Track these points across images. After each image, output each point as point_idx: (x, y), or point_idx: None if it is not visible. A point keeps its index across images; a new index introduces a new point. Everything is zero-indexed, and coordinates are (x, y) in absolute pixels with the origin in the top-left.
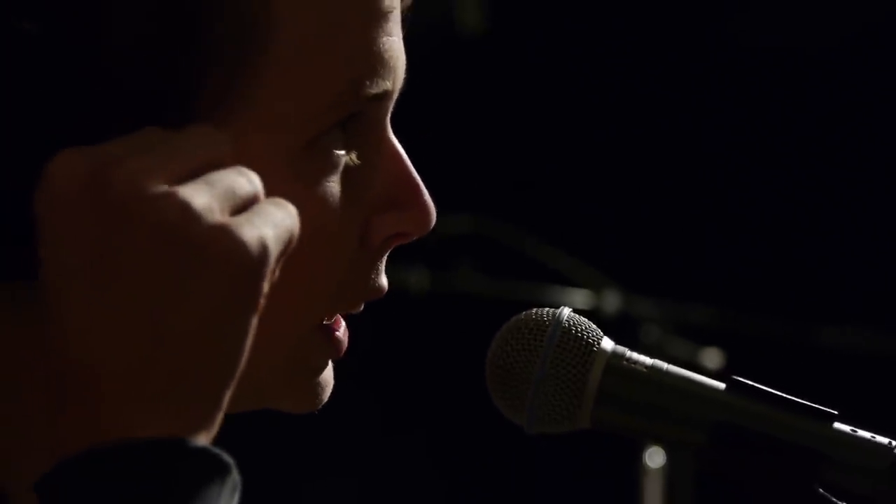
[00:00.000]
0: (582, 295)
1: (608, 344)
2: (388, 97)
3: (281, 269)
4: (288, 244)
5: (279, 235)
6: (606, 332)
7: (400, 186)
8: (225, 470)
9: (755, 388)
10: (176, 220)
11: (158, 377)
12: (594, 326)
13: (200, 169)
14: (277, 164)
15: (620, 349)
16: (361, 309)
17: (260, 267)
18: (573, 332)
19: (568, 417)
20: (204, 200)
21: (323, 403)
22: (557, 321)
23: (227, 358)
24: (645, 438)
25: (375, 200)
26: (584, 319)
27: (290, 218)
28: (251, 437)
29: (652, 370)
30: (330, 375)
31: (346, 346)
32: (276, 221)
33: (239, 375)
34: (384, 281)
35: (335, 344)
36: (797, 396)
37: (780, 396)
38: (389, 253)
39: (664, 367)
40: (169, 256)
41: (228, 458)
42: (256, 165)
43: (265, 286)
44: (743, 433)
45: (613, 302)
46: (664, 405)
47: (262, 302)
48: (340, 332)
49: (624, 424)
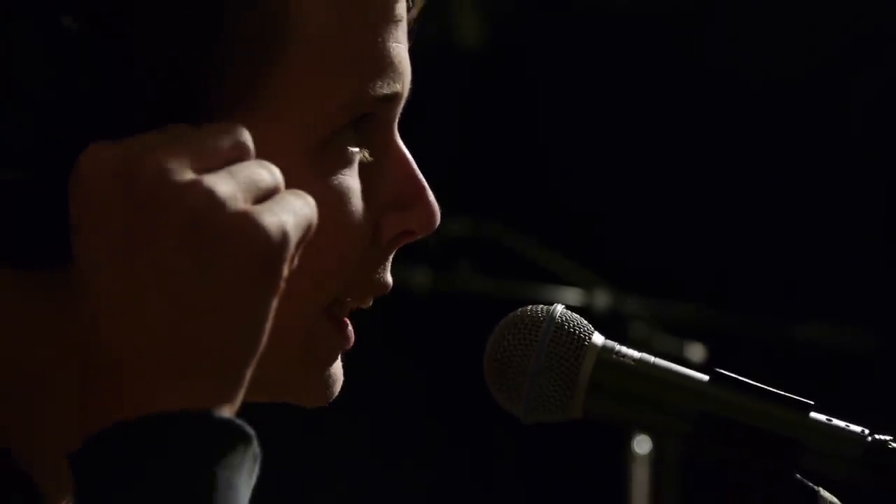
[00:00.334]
0: (574, 293)
1: (599, 339)
2: (396, 99)
3: (299, 256)
4: (307, 232)
5: (298, 223)
6: (597, 327)
7: (406, 187)
8: (247, 440)
9: (736, 379)
10: (201, 207)
11: (184, 354)
12: (585, 322)
13: (224, 162)
14: (296, 158)
15: (610, 343)
16: (370, 304)
17: (280, 252)
18: (566, 327)
19: (561, 408)
20: (228, 189)
21: (334, 397)
22: (551, 317)
23: (248, 336)
24: (633, 427)
25: (384, 200)
26: (576, 316)
27: (308, 207)
28: (260, 429)
29: (640, 363)
30: (340, 370)
31: (353, 339)
32: (295, 210)
33: (259, 354)
34: (389, 278)
35: (344, 335)
36: (774, 387)
37: (759, 387)
38: (395, 253)
39: (651, 360)
40: (194, 241)
41: (250, 429)
42: (275, 159)
43: (285, 270)
44: (725, 422)
45: (603, 300)
46: (651, 396)
47: (281, 285)
48: (349, 326)
49: (614, 414)
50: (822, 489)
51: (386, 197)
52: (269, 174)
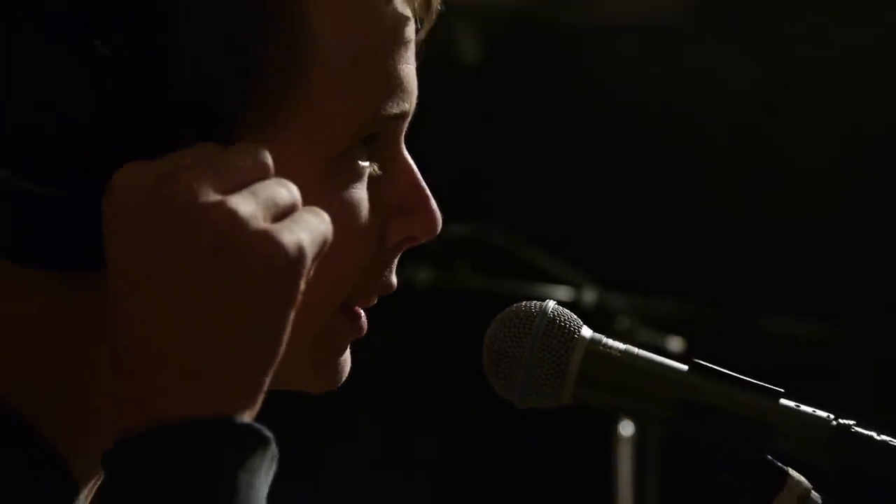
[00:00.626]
0: (564, 290)
1: (587, 332)
2: (405, 117)
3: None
4: (322, 247)
5: (314, 240)
6: (585, 321)
7: (411, 195)
8: (266, 443)
9: (712, 369)
10: (226, 226)
11: (208, 363)
12: (575, 316)
13: (247, 181)
14: (311, 174)
15: (597, 336)
16: (375, 302)
17: (298, 267)
18: (557, 321)
19: (553, 395)
20: (249, 209)
21: (342, 382)
22: (543, 312)
23: (267, 346)
24: (619, 412)
25: (391, 208)
26: (566, 311)
27: (324, 224)
28: (269, 421)
29: (624, 354)
30: (348, 357)
31: (366, 328)
32: (311, 227)
33: (277, 362)
34: (395, 279)
35: (357, 326)
36: (746, 376)
37: (733, 376)
38: (401, 255)
39: (635, 351)
40: (219, 257)
41: (268, 432)
42: (294, 175)
43: (302, 284)
44: (702, 408)
45: (590, 296)
46: (635, 384)
47: (299, 298)
48: (363, 318)
49: (601, 401)
50: (791, 469)
51: (392, 205)
52: (287, 193)
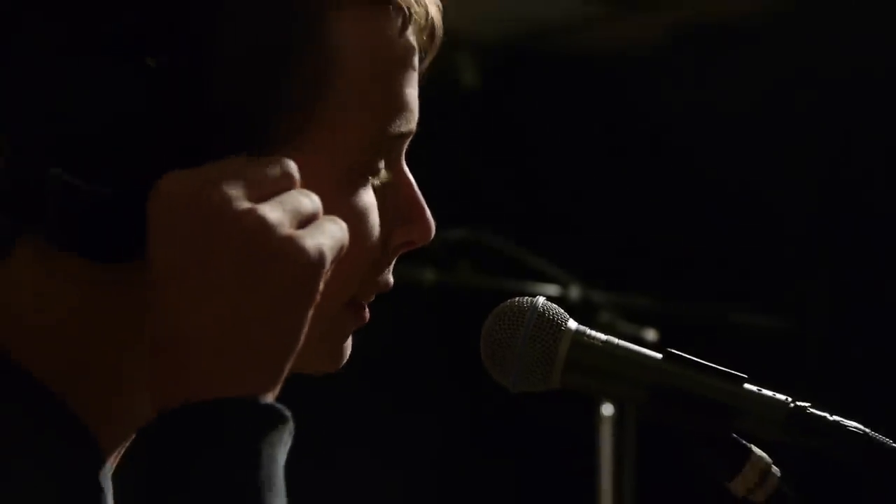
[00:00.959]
0: (552, 287)
1: (572, 324)
2: (408, 136)
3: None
4: (340, 252)
5: (333, 246)
6: (571, 315)
7: (411, 206)
8: (285, 420)
9: (684, 357)
10: (256, 231)
11: (237, 351)
12: (562, 311)
13: (276, 191)
14: (328, 183)
15: (582, 328)
16: (373, 298)
17: (318, 270)
18: (546, 315)
19: (542, 381)
20: (277, 216)
21: (344, 362)
22: (534, 307)
23: (290, 339)
24: (601, 396)
25: (393, 216)
26: (554, 305)
27: (341, 231)
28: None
29: (606, 344)
30: (350, 342)
31: (368, 318)
32: (331, 234)
33: (298, 350)
34: (391, 278)
35: (360, 317)
36: (714, 363)
37: (702, 363)
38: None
39: (615, 341)
40: (249, 260)
41: (287, 412)
42: (314, 183)
43: (321, 285)
44: (675, 392)
45: (576, 293)
46: (615, 371)
47: (318, 298)
48: (366, 310)
49: (585, 385)
50: (753, 446)
51: (394, 214)
52: (310, 202)
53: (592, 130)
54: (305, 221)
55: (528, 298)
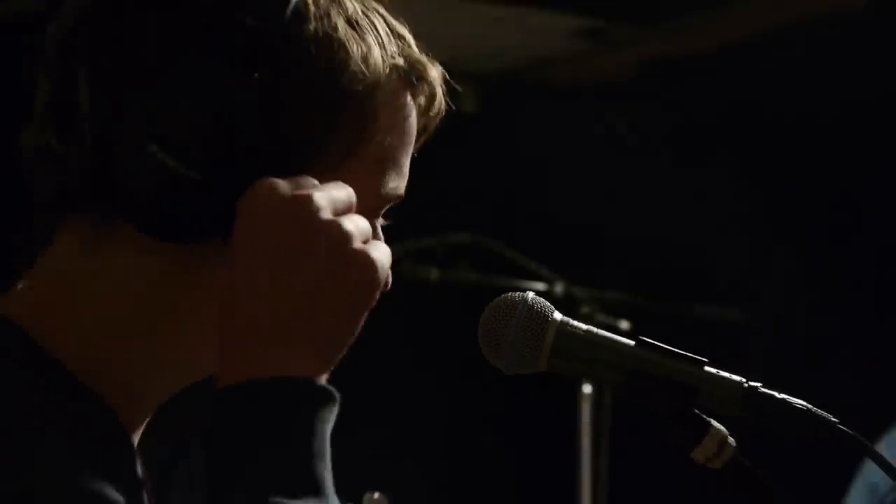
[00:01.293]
0: (540, 284)
1: (558, 316)
2: (396, 200)
3: None
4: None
5: (387, 263)
6: (556, 307)
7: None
8: (335, 399)
9: (654, 344)
10: (338, 240)
11: (305, 337)
12: (549, 304)
13: (346, 210)
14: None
15: (566, 319)
16: None
17: (380, 279)
18: (534, 307)
19: (532, 364)
20: (352, 229)
21: None
22: (524, 300)
23: (348, 333)
24: (582, 377)
25: None
26: (542, 299)
27: (388, 250)
28: None
29: (586, 333)
30: None
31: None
32: (386, 253)
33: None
34: None
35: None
36: (679, 349)
37: (669, 349)
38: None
39: (595, 331)
40: (330, 262)
41: (337, 393)
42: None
43: (378, 293)
44: (646, 374)
45: (560, 288)
46: (595, 356)
47: (374, 302)
48: None
49: (568, 368)
50: (713, 421)
51: None
52: (367, 224)
53: (575, 149)
54: (367, 239)
55: (519, 293)
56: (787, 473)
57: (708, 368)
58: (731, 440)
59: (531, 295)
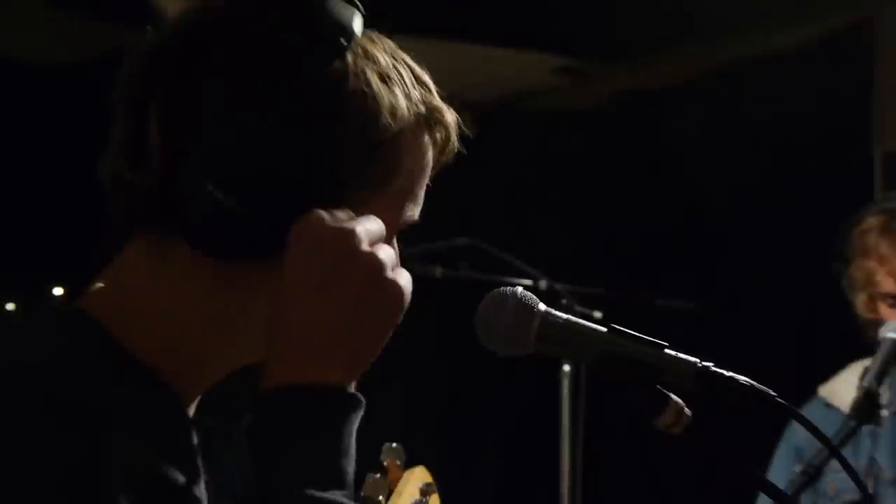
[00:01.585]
0: (527, 281)
1: (542, 307)
2: (410, 223)
3: None
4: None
5: (409, 288)
6: (541, 300)
7: None
8: (361, 405)
9: (622, 330)
10: (374, 269)
11: (341, 352)
12: (535, 297)
13: (378, 241)
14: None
15: (549, 310)
16: None
17: (405, 304)
18: (523, 300)
19: (521, 348)
20: (386, 259)
21: None
22: (514, 294)
23: (375, 349)
24: (562, 358)
25: None
26: (529, 293)
27: (409, 276)
28: None
29: (566, 321)
30: None
31: None
32: (408, 279)
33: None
34: None
35: None
36: (643, 335)
37: (635, 335)
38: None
39: (573, 319)
40: (367, 289)
41: (363, 398)
42: None
43: (402, 315)
44: (616, 355)
45: (544, 284)
46: (573, 340)
47: (398, 322)
48: None
49: (551, 351)
50: (672, 394)
51: None
52: (394, 253)
53: (555, 168)
54: (395, 267)
55: (510, 288)
56: (727, 438)
57: (667, 351)
58: (687, 411)
59: (520, 290)
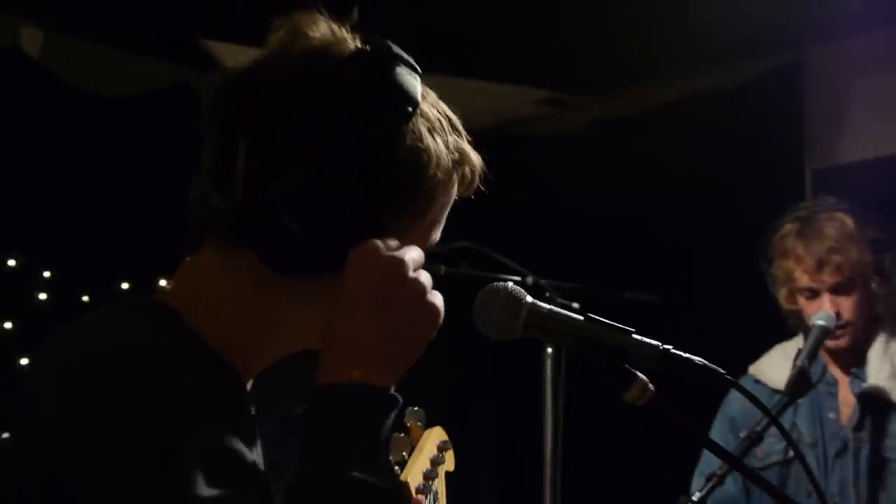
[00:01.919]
0: (516, 277)
1: (529, 299)
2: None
3: None
4: None
5: (443, 307)
6: (528, 293)
7: None
8: (399, 404)
9: (597, 318)
10: (418, 292)
11: (385, 358)
12: (523, 290)
13: (419, 266)
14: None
15: (535, 301)
16: None
17: (440, 321)
18: (513, 293)
19: (511, 333)
20: (426, 283)
21: None
22: (506, 288)
23: (413, 357)
24: (546, 342)
25: None
26: (518, 287)
27: (442, 298)
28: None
29: (549, 311)
30: None
31: None
32: (441, 300)
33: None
34: None
35: None
36: (615, 322)
37: (607, 322)
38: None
39: (555, 309)
40: (411, 308)
41: (400, 398)
42: None
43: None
44: (591, 340)
45: (531, 280)
46: (555, 327)
47: (433, 336)
48: None
49: (537, 335)
50: (638, 373)
51: None
52: (430, 278)
53: (540, 185)
54: (432, 289)
55: (502, 283)
56: (683, 408)
57: (635, 336)
58: (651, 386)
59: (510, 284)
